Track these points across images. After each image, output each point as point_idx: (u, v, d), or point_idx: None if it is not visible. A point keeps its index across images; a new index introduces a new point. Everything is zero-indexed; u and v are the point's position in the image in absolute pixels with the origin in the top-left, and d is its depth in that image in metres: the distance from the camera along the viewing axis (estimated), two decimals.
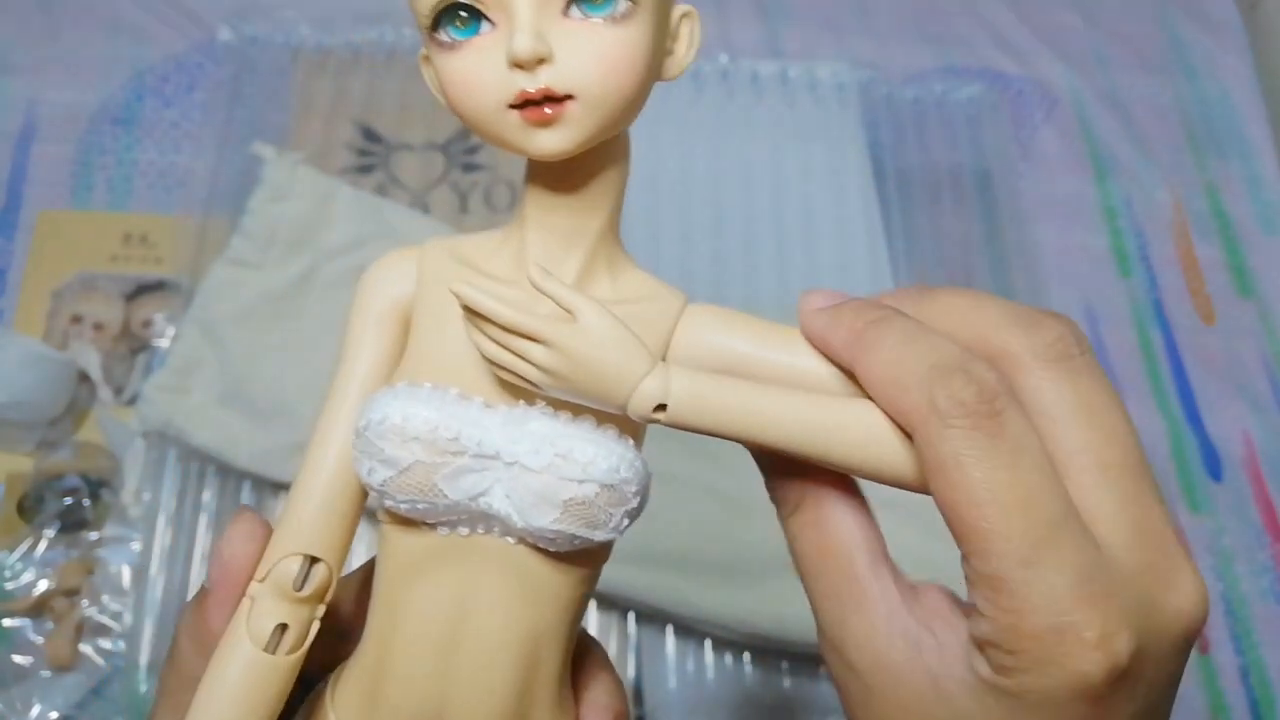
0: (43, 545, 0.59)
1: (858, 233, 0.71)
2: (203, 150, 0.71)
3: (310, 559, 0.26)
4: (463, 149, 0.73)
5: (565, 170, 0.25)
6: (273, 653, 0.26)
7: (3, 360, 0.58)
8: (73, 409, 0.63)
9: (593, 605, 0.59)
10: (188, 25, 0.77)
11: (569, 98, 0.24)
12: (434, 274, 0.27)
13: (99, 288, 0.67)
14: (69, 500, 0.59)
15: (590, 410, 0.25)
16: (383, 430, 0.24)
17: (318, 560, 0.26)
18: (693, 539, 0.58)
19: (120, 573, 0.58)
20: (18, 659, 0.56)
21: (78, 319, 0.66)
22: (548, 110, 0.24)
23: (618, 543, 0.26)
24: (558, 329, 0.24)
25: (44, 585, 0.58)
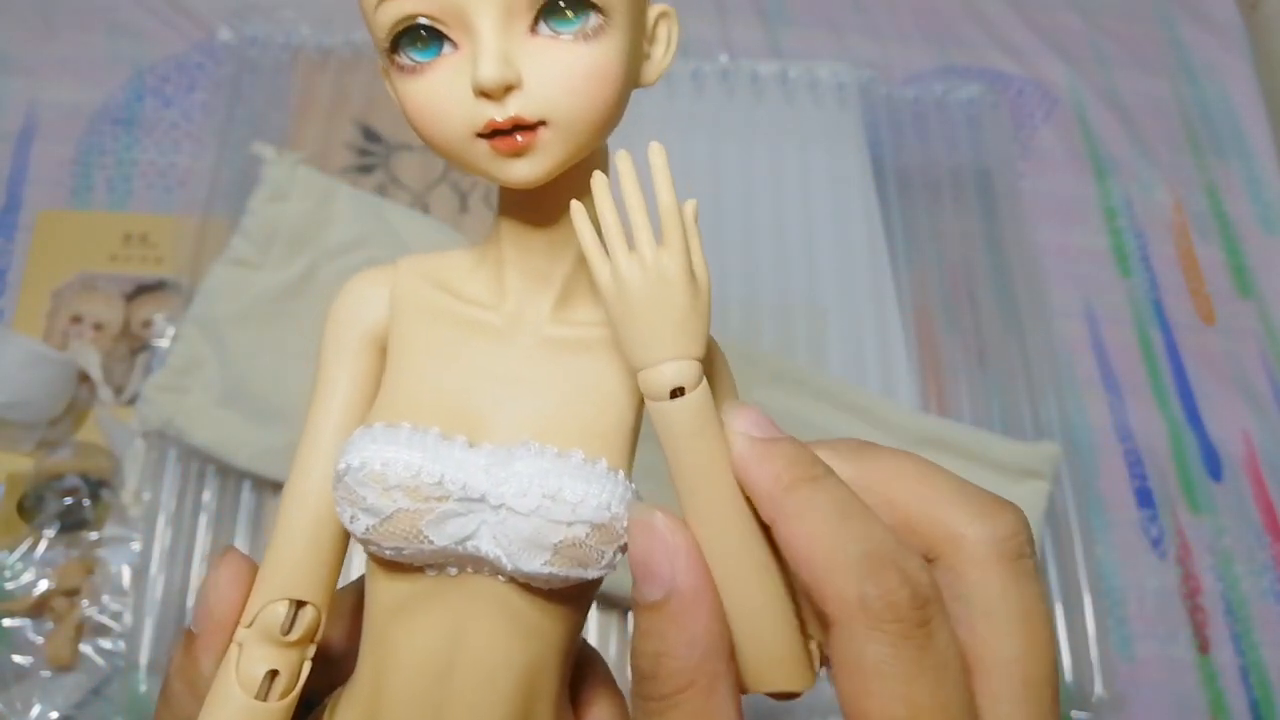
0: (43, 545, 0.59)
1: (858, 232, 0.71)
2: (203, 150, 0.71)
3: (297, 603, 0.26)
4: None
5: (541, 193, 0.24)
6: (264, 699, 0.25)
7: (3, 360, 0.58)
8: (73, 409, 0.63)
9: (593, 606, 0.59)
10: (188, 25, 0.77)
11: (541, 124, 0.22)
12: (409, 299, 0.26)
13: (99, 288, 0.67)
14: (69, 500, 0.59)
15: (578, 443, 0.24)
16: (362, 477, 0.23)
17: (304, 603, 0.26)
18: None
19: (120, 573, 0.58)
20: (18, 659, 0.56)
21: (78, 319, 0.66)
22: (519, 139, 0.22)
23: None
24: (660, 253, 0.23)
25: (44, 585, 0.57)
